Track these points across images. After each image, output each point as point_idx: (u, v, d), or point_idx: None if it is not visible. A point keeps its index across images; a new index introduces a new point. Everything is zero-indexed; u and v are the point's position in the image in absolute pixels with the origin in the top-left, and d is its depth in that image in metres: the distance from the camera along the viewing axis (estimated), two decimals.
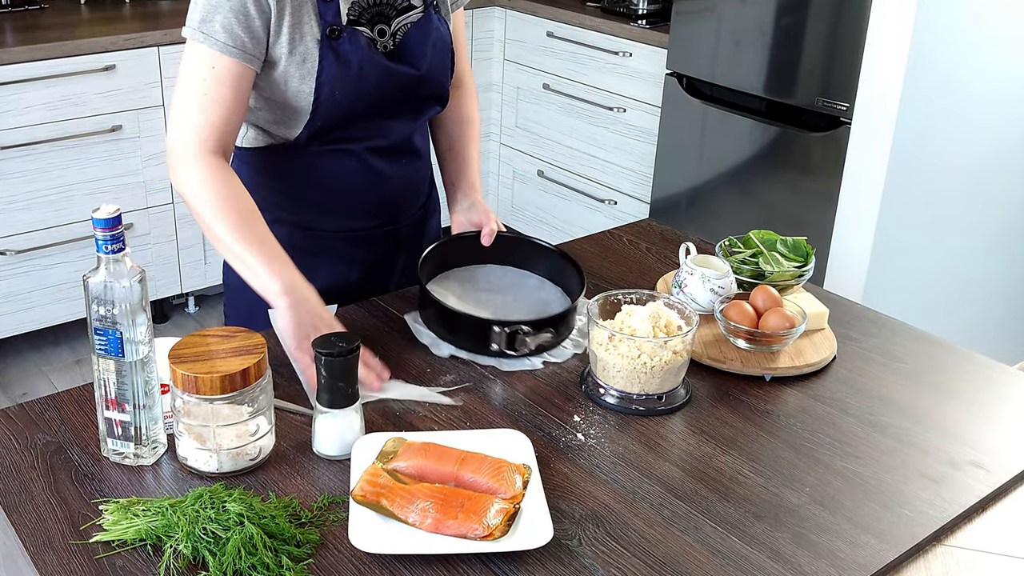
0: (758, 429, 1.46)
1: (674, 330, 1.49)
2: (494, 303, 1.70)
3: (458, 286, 1.73)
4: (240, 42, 1.57)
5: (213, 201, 1.55)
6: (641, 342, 1.47)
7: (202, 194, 1.56)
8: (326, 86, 1.62)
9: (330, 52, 1.62)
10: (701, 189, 3.47)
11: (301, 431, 1.41)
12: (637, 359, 1.47)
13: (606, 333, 1.49)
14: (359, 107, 1.67)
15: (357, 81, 1.64)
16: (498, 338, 1.56)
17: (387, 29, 1.69)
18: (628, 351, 1.47)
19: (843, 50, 2.92)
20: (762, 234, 1.83)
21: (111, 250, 1.25)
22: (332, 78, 1.62)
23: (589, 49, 3.80)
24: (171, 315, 3.85)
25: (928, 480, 1.37)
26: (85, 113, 3.29)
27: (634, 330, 1.49)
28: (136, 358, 1.29)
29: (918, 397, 1.57)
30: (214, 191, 1.56)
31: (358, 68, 1.64)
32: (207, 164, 1.57)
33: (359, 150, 1.73)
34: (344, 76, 1.63)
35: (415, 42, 1.71)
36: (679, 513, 1.28)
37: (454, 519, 1.20)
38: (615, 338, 1.48)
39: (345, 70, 1.63)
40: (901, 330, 1.77)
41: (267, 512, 1.21)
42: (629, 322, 1.51)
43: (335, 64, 1.62)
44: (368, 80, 1.65)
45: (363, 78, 1.65)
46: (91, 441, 1.38)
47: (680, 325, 1.51)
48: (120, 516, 1.21)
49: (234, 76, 1.58)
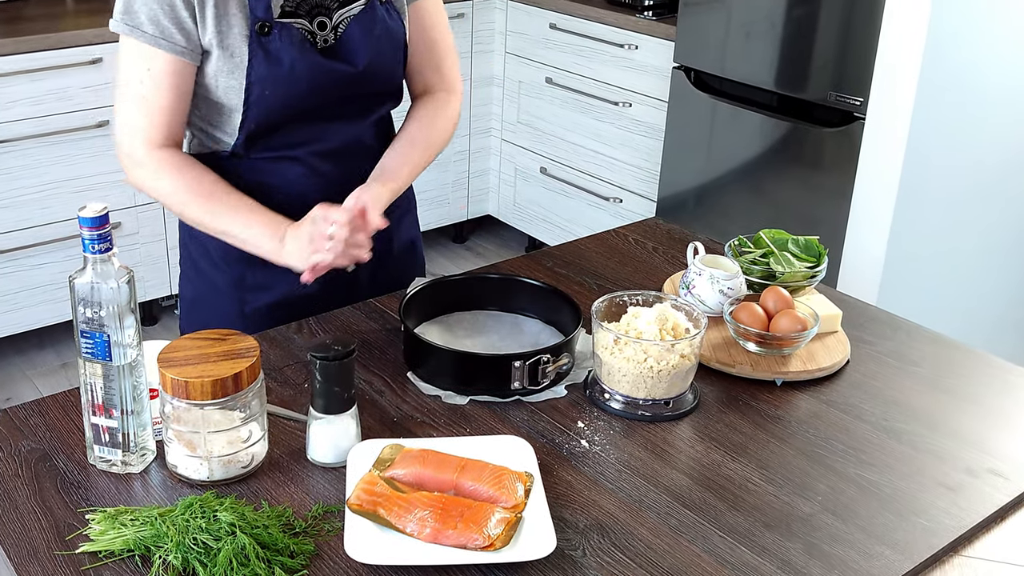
0: (768, 435, 1.47)
1: (681, 332, 1.50)
2: (483, 346, 1.63)
3: (438, 336, 1.65)
4: (168, 33, 1.56)
5: (175, 192, 1.61)
6: (647, 345, 1.46)
7: (162, 189, 1.62)
8: (256, 86, 1.59)
9: (259, 49, 1.58)
10: (710, 187, 3.47)
11: (295, 437, 1.41)
12: (643, 363, 1.46)
13: (611, 336, 1.49)
14: (294, 109, 1.64)
15: (289, 81, 1.61)
16: (519, 373, 1.50)
17: (328, 22, 1.65)
18: (634, 355, 1.47)
19: (857, 42, 2.92)
20: (773, 233, 1.83)
21: (98, 250, 1.25)
22: (262, 77, 1.59)
23: (593, 42, 3.80)
24: (160, 317, 3.85)
25: (945, 488, 1.37)
26: (71, 108, 3.29)
27: (640, 333, 1.49)
28: (124, 362, 1.29)
29: (934, 402, 1.57)
30: (173, 183, 1.61)
31: (289, 67, 1.60)
32: (158, 159, 1.60)
33: (304, 155, 1.69)
34: (275, 76, 1.59)
35: (355, 37, 1.66)
36: (687, 522, 1.28)
37: (454, 529, 1.20)
38: (620, 341, 1.48)
39: (276, 69, 1.59)
40: (917, 333, 1.77)
41: (260, 522, 1.21)
42: (635, 324, 1.51)
43: (265, 62, 1.59)
44: (300, 80, 1.61)
45: (295, 78, 1.61)
46: (77, 448, 1.38)
47: (688, 327, 1.51)
48: (107, 526, 1.21)
49: (171, 75, 1.58)
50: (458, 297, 1.72)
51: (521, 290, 1.72)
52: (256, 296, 1.75)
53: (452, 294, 1.72)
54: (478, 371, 1.51)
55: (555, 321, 1.68)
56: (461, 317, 1.71)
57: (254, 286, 1.75)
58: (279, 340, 1.65)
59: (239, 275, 1.75)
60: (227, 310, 1.76)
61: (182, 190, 1.60)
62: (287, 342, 1.65)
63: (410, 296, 1.65)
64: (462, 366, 1.52)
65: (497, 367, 1.50)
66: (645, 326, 1.49)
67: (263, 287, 1.75)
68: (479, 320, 1.71)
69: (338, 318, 1.72)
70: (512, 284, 1.74)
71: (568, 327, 1.62)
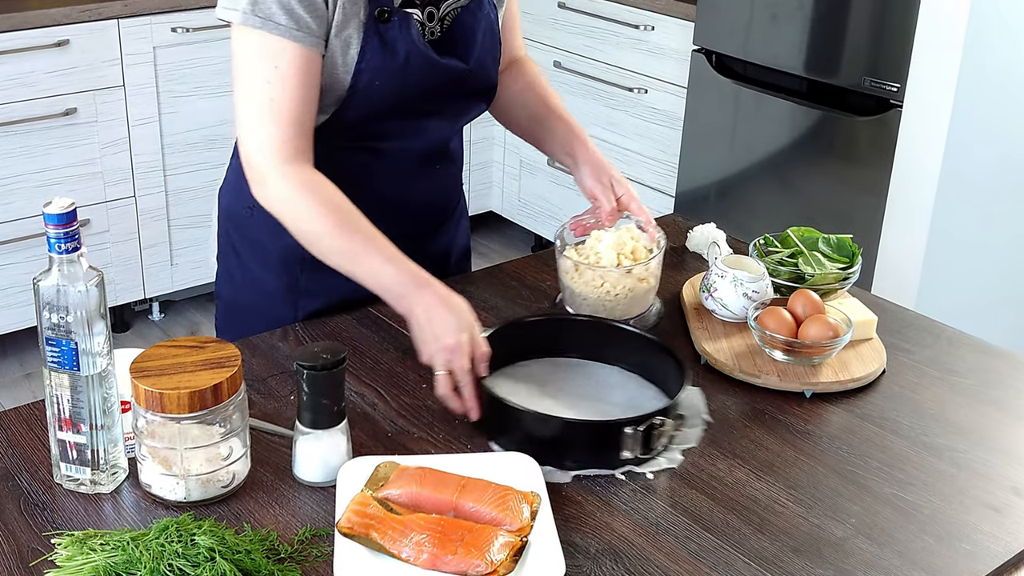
0: (797, 452, 1.47)
1: (642, 256, 1.69)
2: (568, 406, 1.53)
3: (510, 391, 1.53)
4: (304, 24, 1.54)
5: (312, 220, 1.56)
6: (604, 271, 1.66)
7: (297, 214, 1.57)
8: (365, 74, 1.60)
9: (375, 37, 1.59)
10: (732, 180, 3.47)
11: (280, 454, 1.42)
12: (600, 287, 1.65)
13: (570, 262, 1.68)
14: (397, 102, 1.66)
15: (401, 73, 1.62)
16: (631, 441, 1.40)
17: (435, 12, 1.67)
18: (592, 280, 1.67)
19: (894, 22, 2.92)
20: (802, 231, 1.83)
21: (65, 249, 1.25)
22: (374, 67, 1.60)
23: (606, 22, 3.80)
24: (132, 323, 3.86)
25: (990, 510, 1.37)
26: (35, 95, 3.30)
27: (600, 258, 1.67)
28: (93, 372, 1.29)
29: (979, 416, 1.57)
30: (309, 210, 1.56)
31: (404, 59, 1.62)
32: (293, 180, 1.56)
33: (389, 150, 1.71)
34: (389, 67, 1.61)
35: (465, 30, 1.70)
36: (708, 547, 1.29)
37: (453, 554, 1.20)
38: (580, 268, 1.67)
39: (390, 60, 1.61)
40: (959, 340, 1.77)
41: (241, 546, 1.22)
42: (597, 248, 1.70)
43: (380, 51, 1.60)
44: (412, 73, 1.63)
45: (408, 71, 1.63)
46: (42, 466, 1.38)
47: (651, 249, 1.70)
48: (75, 551, 1.21)
49: (303, 72, 1.55)
50: (532, 343, 1.63)
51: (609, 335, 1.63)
52: (309, 301, 1.77)
53: (527, 339, 1.63)
54: (580, 440, 1.42)
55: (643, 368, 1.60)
56: (528, 369, 1.61)
57: (307, 291, 1.76)
58: (263, 348, 1.65)
59: (294, 278, 1.76)
60: (278, 314, 1.76)
61: (318, 218, 1.56)
62: (271, 350, 1.65)
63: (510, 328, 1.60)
64: (559, 435, 1.42)
65: (604, 435, 1.41)
66: (604, 251, 1.68)
67: (313, 293, 1.76)
68: (558, 372, 1.61)
69: (327, 324, 1.72)
70: (598, 328, 1.64)
71: (667, 378, 1.54)
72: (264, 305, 1.79)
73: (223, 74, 3.58)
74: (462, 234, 1.97)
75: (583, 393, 1.56)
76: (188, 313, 3.93)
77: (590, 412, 1.52)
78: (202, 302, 3.93)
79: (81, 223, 1.53)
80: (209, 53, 3.55)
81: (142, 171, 3.55)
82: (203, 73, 3.57)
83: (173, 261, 3.71)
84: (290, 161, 1.57)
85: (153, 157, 3.56)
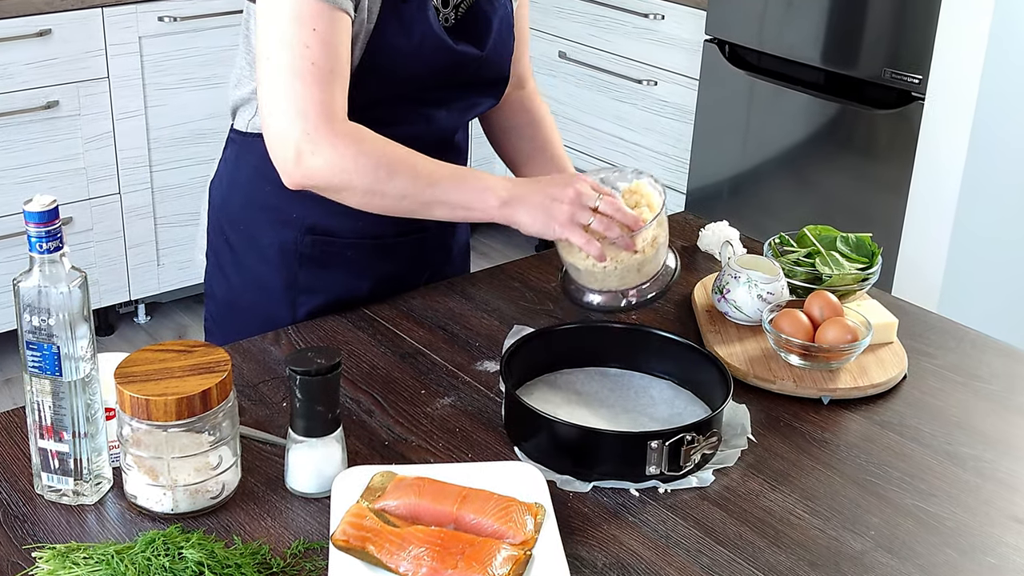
0: (814, 461, 1.47)
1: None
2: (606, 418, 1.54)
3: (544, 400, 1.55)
4: None
5: (380, 166, 1.55)
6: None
7: (364, 166, 1.54)
8: (377, 55, 1.61)
9: (392, 16, 1.60)
10: (747, 177, 3.47)
11: (272, 464, 1.42)
12: (587, 259, 1.60)
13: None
14: (408, 87, 1.67)
15: (415, 57, 1.63)
16: (657, 456, 1.39)
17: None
18: (582, 252, 1.61)
19: (916, 12, 2.92)
20: (819, 230, 1.83)
21: (46, 249, 1.25)
22: (386, 47, 1.61)
23: (613, 11, 3.81)
24: (117, 326, 3.86)
25: (1016, 522, 1.37)
26: (15, 87, 3.30)
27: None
28: (76, 377, 1.29)
29: (1004, 423, 1.57)
30: (377, 154, 1.55)
31: (419, 42, 1.63)
32: (345, 136, 1.54)
33: (396, 138, 1.68)
34: (402, 49, 1.62)
35: (480, 17, 1.71)
36: (720, 561, 1.29)
37: (453, 568, 1.20)
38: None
39: (405, 42, 1.62)
40: (984, 344, 1.77)
41: (231, 560, 1.22)
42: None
43: (397, 30, 1.61)
44: (426, 56, 1.64)
45: (422, 53, 1.64)
46: (22, 476, 1.39)
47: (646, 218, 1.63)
48: (57, 565, 1.21)
49: (340, 34, 1.54)
50: (568, 350, 1.63)
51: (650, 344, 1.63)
52: (307, 299, 1.77)
53: (562, 346, 1.63)
54: (602, 451, 1.42)
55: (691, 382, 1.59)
56: (571, 377, 1.62)
57: (305, 287, 1.77)
58: (254, 352, 1.65)
59: (292, 274, 1.76)
60: (275, 312, 1.77)
61: (386, 161, 1.55)
62: (263, 354, 1.65)
63: (512, 349, 1.56)
64: (581, 444, 1.42)
65: (628, 447, 1.41)
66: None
67: (312, 290, 1.77)
68: (594, 381, 1.61)
69: (321, 327, 1.72)
70: (638, 336, 1.64)
71: (713, 395, 1.53)
72: (260, 303, 1.79)
73: (212, 65, 3.58)
74: (463, 230, 1.97)
75: (626, 406, 1.56)
76: (175, 316, 3.93)
77: (627, 425, 1.51)
78: (190, 304, 3.93)
79: (63, 221, 1.53)
80: (197, 43, 3.55)
81: (127, 167, 3.55)
82: (191, 64, 3.57)
83: (160, 261, 3.71)
84: (340, 121, 1.54)
85: (139, 152, 3.56)
